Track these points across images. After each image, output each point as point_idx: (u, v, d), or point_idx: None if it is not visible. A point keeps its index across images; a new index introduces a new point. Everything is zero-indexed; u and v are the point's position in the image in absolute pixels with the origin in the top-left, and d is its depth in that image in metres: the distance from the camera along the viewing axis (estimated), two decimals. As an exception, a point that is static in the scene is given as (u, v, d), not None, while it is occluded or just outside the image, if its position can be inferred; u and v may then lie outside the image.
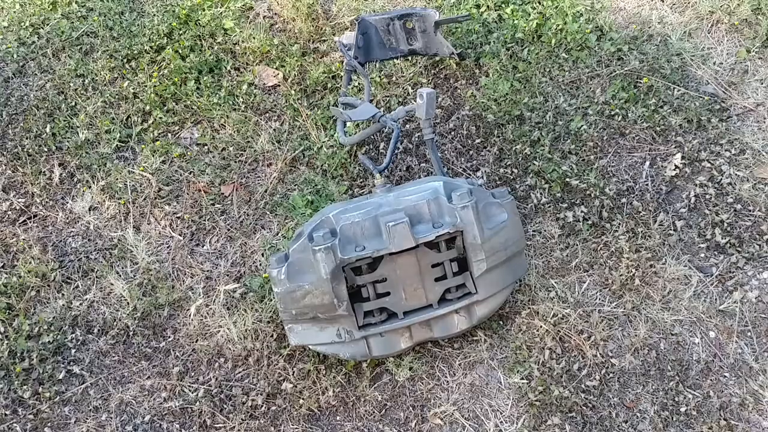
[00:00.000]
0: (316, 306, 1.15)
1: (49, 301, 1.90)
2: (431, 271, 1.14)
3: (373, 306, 1.18)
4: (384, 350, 1.18)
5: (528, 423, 1.65)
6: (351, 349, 1.20)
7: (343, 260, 1.13)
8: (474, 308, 1.21)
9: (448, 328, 1.21)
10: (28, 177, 2.14)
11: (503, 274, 1.23)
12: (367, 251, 1.12)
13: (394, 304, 1.15)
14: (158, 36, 2.43)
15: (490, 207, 1.19)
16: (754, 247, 1.86)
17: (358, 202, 1.22)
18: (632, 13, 2.43)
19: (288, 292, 1.18)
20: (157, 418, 1.72)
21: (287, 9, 2.49)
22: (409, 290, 1.15)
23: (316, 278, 1.13)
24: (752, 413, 1.63)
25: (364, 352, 1.18)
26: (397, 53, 2.09)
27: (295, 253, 1.20)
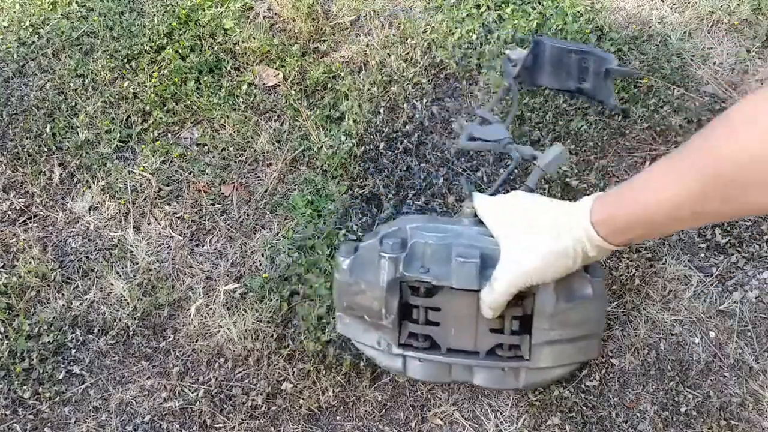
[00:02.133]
0: (365, 308, 1.06)
1: (49, 301, 1.90)
2: (489, 319, 1.03)
3: (418, 330, 1.05)
4: (419, 375, 1.07)
5: (528, 423, 1.65)
6: (387, 361, 1.09)
7: (403, 276, 1.02)
8: (522, 373, 1.07)
9: (491, 380, 1.08)
10: (28, 177, 2.14)
11: (567, 352, 1.07)
12: (429, 277, 1.05)
13: (441, 336, 1.06)
14: (158, 36, 2.43)
15: (576, 278, 1.04)
16: (754, 247, 1.86)
17: (439, 224, 1.12)
18: (632, 13, 2.43)
19: (346, 284, 1.08)
20: (157, 418, 1.72)
21: (287, 9, 2.49)
22: (459, 329, 1.06)
23: (373, 281, 1.05)
24: (752, 413, 1.63)
25: (400, 369, 1.07)
26: (564, 87, 1.95)
27: (364, 250, 1.09)
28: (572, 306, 1.01)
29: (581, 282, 1.04)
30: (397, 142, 2.13)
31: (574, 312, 1.02)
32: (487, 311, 0.93)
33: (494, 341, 1.05)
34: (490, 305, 0.90)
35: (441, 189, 2.01)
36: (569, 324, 1.02)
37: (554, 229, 0.84)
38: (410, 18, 2.46)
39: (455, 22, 2.42)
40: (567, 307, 1.00)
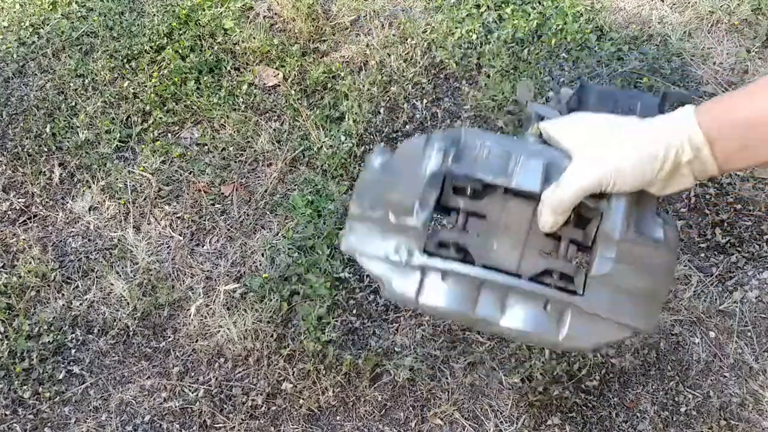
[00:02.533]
0: (394, 203, 0.86)
1: (49, 301, 1.90)
2: (541, 239, 0.83)
3: (453, 237, 0.85)
4: (437, 300, 0.83)
5: (528, 423, 1.65)
6: (400, 279, 0.85)
7: (450, 170, 0.84)
8: (566, 317, 0.83)
9: (526, 321, 0.82)
10: (28, 177, 2.14)
11: (624, 306, 0.84)
12: (483, 173, 0.83)
13: (478, 249, 0.85)
14: (158, 36, 2.43)
15: (650, 216, 0.83)
16: (754, 247, 1.86)
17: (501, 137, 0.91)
18: (632, 13, 2.43)
19: (375, 181, 0.90)
20: (157, 418, 1.72)
21: (287, 9, 2.49)
22: (503, 243, 0.85)
23: (412, 172, 0.86)
24: (752, 413, 1.63)
25: (413, 294, 0.84)
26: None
27: (404, 148, 0.91)
28: (641, 241, 0.83)
29: (653, 221, 0.85)
30: (397, 142, 2.13)
31: (642, 250, 0.83)
32: (547, 217, 0.77)
33: (543, 265, 0.84)
34: (553, 206, 0.75)
35: (441, 189, 2.01)
36: (635, 263, 0.83)
37: (645, 129, 0.73)
38: (410, 18, 2.46)
39: (455, 22, 2.42)
40: (636, 238, 0.83)
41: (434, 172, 0.85)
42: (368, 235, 0.91)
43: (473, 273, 0.83)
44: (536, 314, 0.82)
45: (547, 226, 0.77)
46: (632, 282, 0.83)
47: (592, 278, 0.82)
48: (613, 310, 0.83)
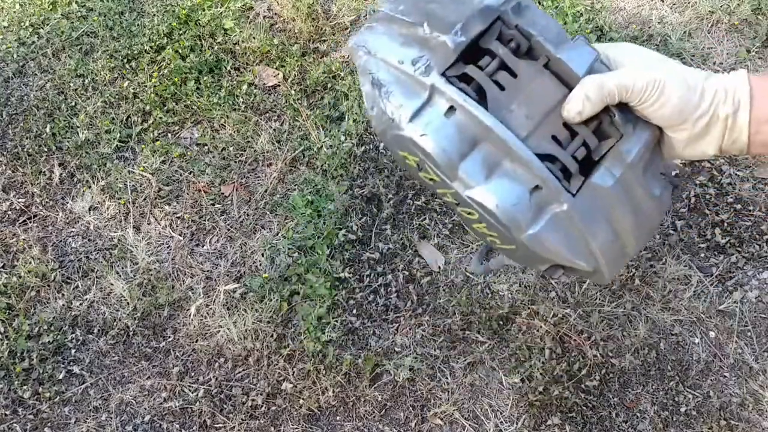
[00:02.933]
0: (434, 16, 0.76)
1: (49, 301, 1.90)
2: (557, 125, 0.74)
3: (478, 75, 0.74)
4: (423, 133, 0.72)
5: (528, 423, 1.65)
6: (400, 93, 0.75)
7: (507, 14, 0.75)
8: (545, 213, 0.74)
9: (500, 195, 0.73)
10: (28, 177, 2.14)
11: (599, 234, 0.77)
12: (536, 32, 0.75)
13: (496, 102, 0.75)
14: (158, 36, 2.43)
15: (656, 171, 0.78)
16: (754, 247, 1.86)
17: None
18: (632, 13, 2.43)
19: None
20: (157, 418, 1.72)
21: (287, 9, 2.49)
22: (522, 109, 0.75)
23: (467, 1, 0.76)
24: (752, 413, 1.63)
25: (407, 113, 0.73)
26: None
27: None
28: (644, 183, 0.77)
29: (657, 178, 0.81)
30: (397, 142, 2.13)
31: (641, 193, 0.77)
32: (577, 101, 0.69)
33: (549, 150, 0.74)
34: (590, 91, 0.68)
35: (441, 189, 2.01)
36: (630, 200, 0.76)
37: (696, 70, 0.71)
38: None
39: (455, 22, 2.41)
40: (641, 177, 0.77)
41: (491, 6, 0.75)
42: (389, 37, 0.79)
43: (482, 117, 0.71)
44: (519, 195, 0.71)
45: (573, 111, 0.69)
46: (619, 216, 0.76)
47: (589, 185, 0.73)
48: (590, 230, 0.74)
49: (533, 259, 0.75)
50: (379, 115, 0.74)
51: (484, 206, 0.70)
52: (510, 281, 1.84)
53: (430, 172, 0.74)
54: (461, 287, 1.85)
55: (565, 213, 0.70)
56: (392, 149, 0.77)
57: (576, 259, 0.73)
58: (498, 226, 0.72)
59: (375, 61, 0.76)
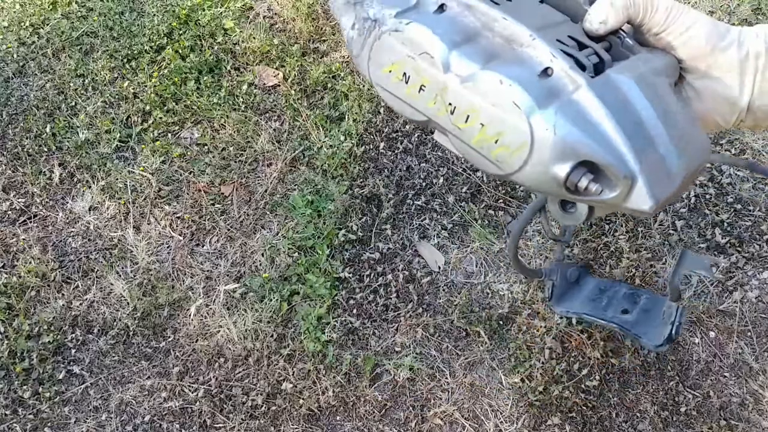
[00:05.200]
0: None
1: (49, 301, 1.90)
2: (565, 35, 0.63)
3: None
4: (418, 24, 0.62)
5: (528, 423, 1.65)
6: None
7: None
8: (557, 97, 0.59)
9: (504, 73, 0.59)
10: (28, 177, 2.14)
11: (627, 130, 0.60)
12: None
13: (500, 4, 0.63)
14: (158, 36, 2.43)
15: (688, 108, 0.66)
16: (754, 247, 1.86)
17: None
18: (632, 13, 2.44)
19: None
20: (157, 418, 1.72)
21: (287, 9, 2.49)
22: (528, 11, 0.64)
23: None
24: (752, 413, 1.63)
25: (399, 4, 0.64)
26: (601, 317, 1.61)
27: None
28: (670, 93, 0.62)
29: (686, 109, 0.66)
30: (397, 142, 2.13)
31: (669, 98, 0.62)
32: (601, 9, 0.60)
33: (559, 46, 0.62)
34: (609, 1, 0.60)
35: (441, 189, 2.01)
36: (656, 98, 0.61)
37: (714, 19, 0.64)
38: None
39: (455, 22, 2.41)
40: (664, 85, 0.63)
41: None
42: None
43: (481, 6, 0.62)
44: (526, 75, 0.58)
45: (596, 19, 0.60)
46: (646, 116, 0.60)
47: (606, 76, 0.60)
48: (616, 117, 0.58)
49: (551, 159, 0.58)
50: (360, 27, 0.65)
51: (485, 90, 0.58)
52: (510, 281, 1.84)
53: (418, 75, 0.62)
54: (461, 287, 1.85)
55: (583, 95, 0.57)
56: (374, 73, 0.66)
57: (602, 150, 0.57)
58: (504, 115, 0.58)
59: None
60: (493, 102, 0.58)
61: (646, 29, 0.61)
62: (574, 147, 0.57)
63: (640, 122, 0.58)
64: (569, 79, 0.58)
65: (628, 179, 0.57)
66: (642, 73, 0.60)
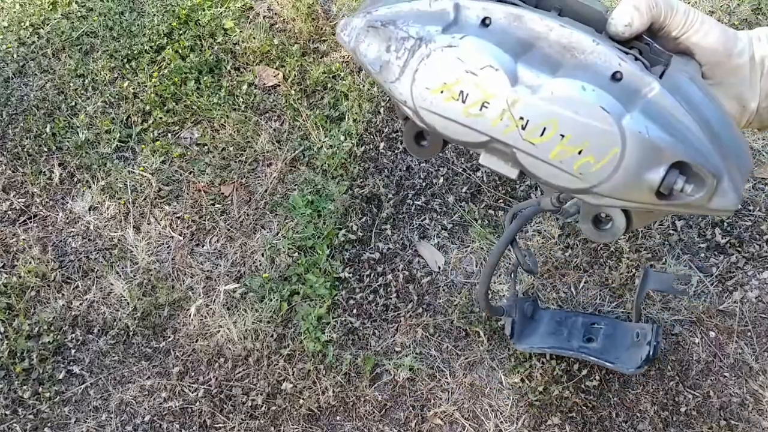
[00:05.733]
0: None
1: (49, 301, 1.90)
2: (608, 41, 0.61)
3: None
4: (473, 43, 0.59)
5: (528, 423, 1.65)
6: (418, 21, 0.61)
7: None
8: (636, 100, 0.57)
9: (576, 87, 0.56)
10: (28, 177, 2.14)
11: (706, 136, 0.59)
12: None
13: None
14: (158, 36, 2.43)
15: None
16: (754, 247, 1.86)
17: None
18: (632, 13, 2.44)
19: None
20: (157, 418, 1.72)
21: (287, 9, 2.49)
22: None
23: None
24: (752, 413, 1.63)
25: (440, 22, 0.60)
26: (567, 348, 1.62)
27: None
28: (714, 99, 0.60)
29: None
30: (397, 142, 2.13)
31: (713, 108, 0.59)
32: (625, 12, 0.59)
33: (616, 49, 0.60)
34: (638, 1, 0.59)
35: (441, 189, 2.01)
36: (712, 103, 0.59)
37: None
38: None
39: (455, 22, 2.41)
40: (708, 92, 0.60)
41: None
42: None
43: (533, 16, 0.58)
44: (601, 81, 0.55)
45: (621, 23, 0.59)
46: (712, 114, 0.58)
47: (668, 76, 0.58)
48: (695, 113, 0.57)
49: (644, 164, 0.56)
50: (397, 48, 0.60)
51: (566, 98, 0.55)
52: (510, 281, 1.84)
53: (480, 92, 0.58)
54: (461, 287, 1.85)
55: (659, 95, 0.55)
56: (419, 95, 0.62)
57: (692, 150, 0.56)
58: (591, 122, 0.55)
59: (377, 14, 0.63)
60: (576, 110, 0.55)
61: (667, 33, 0.62)
62: (666, 149, 0.56)
63: (707, 121, 0.57)
64: (642, 81, 0.56)
65: (716, 177, 0.56)
66: (692, 74, 0.59)
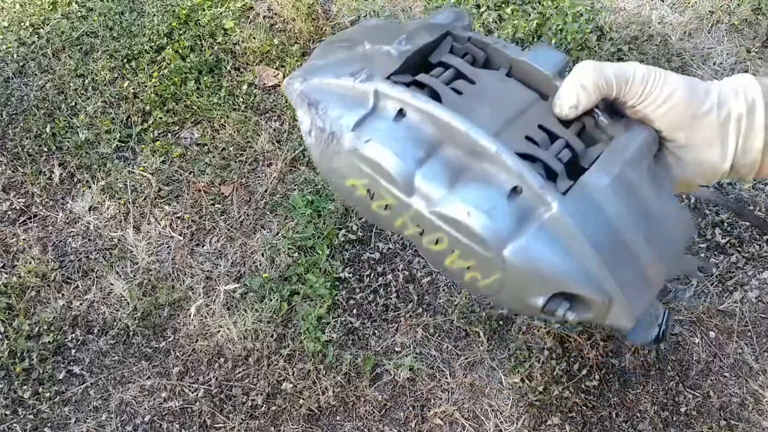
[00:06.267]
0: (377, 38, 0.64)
1: (49, 301, 1.90)
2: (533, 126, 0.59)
3: (430, 81, 0.60)
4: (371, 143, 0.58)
5: (528, 423, 1.65)
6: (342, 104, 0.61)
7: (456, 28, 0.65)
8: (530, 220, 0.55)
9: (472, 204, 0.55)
10: (28, 177, 2.14)
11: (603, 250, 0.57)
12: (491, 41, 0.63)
13: (455, 104, 0.58)
14: (158, 36, 2.43)
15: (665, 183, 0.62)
16: (754, 247, 1.87)
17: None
18: (632, 13, 2.43)
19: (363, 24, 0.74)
20: (157, 418, 1.72)
21: (287, 9, 2.49)
22: (485, 111, 0.59)
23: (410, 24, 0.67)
24: (752, 413, 1.63)
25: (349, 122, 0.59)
26: None
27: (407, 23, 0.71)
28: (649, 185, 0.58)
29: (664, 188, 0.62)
30: (397, 142, 2.13)
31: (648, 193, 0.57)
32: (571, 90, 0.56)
33: (525, 149, 0.56)
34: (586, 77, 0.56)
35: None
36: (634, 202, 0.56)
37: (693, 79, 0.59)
38: (410, 18, 2.46)
39: (455, 22, 2.41)
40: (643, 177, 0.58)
41: (437, 24, 0.64)
42: (326, 61, 0.67)
43: (441, 114, 0.56)
44: (495, 200, 0.53)
45: (566, 104, 0.57)
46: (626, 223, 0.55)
47: (581, 184, 0.55)
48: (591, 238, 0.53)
49: (526, 291, 0.56)
50: (317, 135, 0.61)
51: (452, 220, 0.55)
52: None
53: (383, 196, 0.59)
54: (461, 287, 1.85)
55: (556, 217, 0.53)
56: (337, 182, 0.63)
57: (579, 280, 0.54)
58: (474, 246, 0.55)
59: (310, 85, 0.64)
60: (461, 233, 0.55)
61: (622, 102, 0.58)
62: (548, 278, 0.54)
63: (617, 238, 0.55)
64: (540, 199, 0.53)
65: (606, 303, 0.55)
66: (618, 174, 0.55)
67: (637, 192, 0.57)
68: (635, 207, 0.56)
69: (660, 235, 0.58)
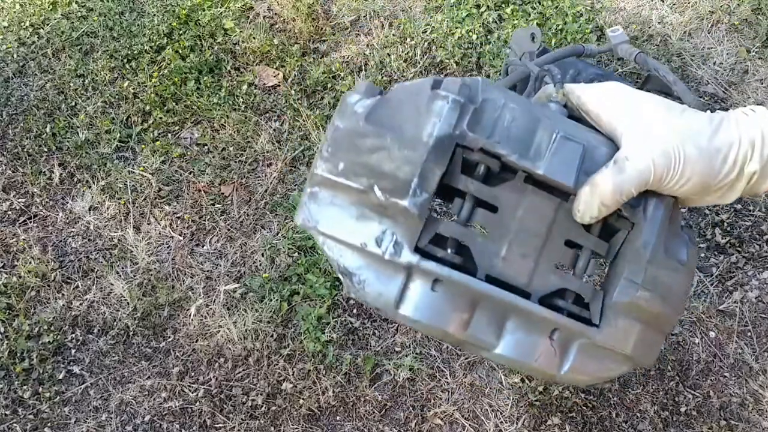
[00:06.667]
0: (382, 173, 0.63)
1: (49, 301, 1.90)
2: (559, 248, 0.66)
3: (454, 232, 0.64)
4: (416, 312, 0.63)
5: (528, 423, 1.65)
6: (377, 278, 0.63)
7: (464, 136, 0.62)
8: (571, 348, 0.66)
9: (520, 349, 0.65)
10: (28, 177, 2.14)
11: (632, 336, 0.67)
12: (507, 150, 0.62)
13: (483, 252, 0.64)
14: (158, 36, 2.43)
15: (677, 232, 0.69)
16: (754, 247, 1.86)
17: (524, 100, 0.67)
18: (632, 13, 2.43)
19: (355, 133, 0.66)
20: (157, 418, 1.72)
21: (287, 9, 2.49)
22: (514, 250, 0.65)
23: (410, 135, 0.63)
24: (752, 413, 1.63)
25: (391, 297, 0.63)
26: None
27: (400, 92, 0.69)
28: (668, 264, 0.66)
29: (680, 239, 0.69)
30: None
31: (667, 275, 0.66)
32: (592, 205, 0.61)
33: (557, 284, 0.66)
34: (607, 194, 0.59)
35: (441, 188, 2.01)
36: (657, 289, 0.66)
37: (712, 119, 0.60)
38: (410, 18, 2.47)
39: (455, 22, 2.42)
40: (664, 260, 0.66)
41: (443, 137, 0.62)
42: (339, 210, 0.66)
43: (474, 286, 0.63)
44: (539, 344, 0.66)
45: (588, 215, 0.62)
46: (650, 311, 0.67)
47: (611, 306, 0.66)
48: (623, 341, 0.68)
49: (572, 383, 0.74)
50: (366, 298, 0.66)
51: (504, 362, 0.68)
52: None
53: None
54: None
55: (592, 343, 0.66)
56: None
57: (612, 374, 0.69)
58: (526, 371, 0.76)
59: (335, 245, 0.66)
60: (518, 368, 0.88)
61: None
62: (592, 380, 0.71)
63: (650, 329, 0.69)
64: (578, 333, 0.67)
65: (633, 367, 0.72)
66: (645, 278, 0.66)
67: (658, 282, 0.67)
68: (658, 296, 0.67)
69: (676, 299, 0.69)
